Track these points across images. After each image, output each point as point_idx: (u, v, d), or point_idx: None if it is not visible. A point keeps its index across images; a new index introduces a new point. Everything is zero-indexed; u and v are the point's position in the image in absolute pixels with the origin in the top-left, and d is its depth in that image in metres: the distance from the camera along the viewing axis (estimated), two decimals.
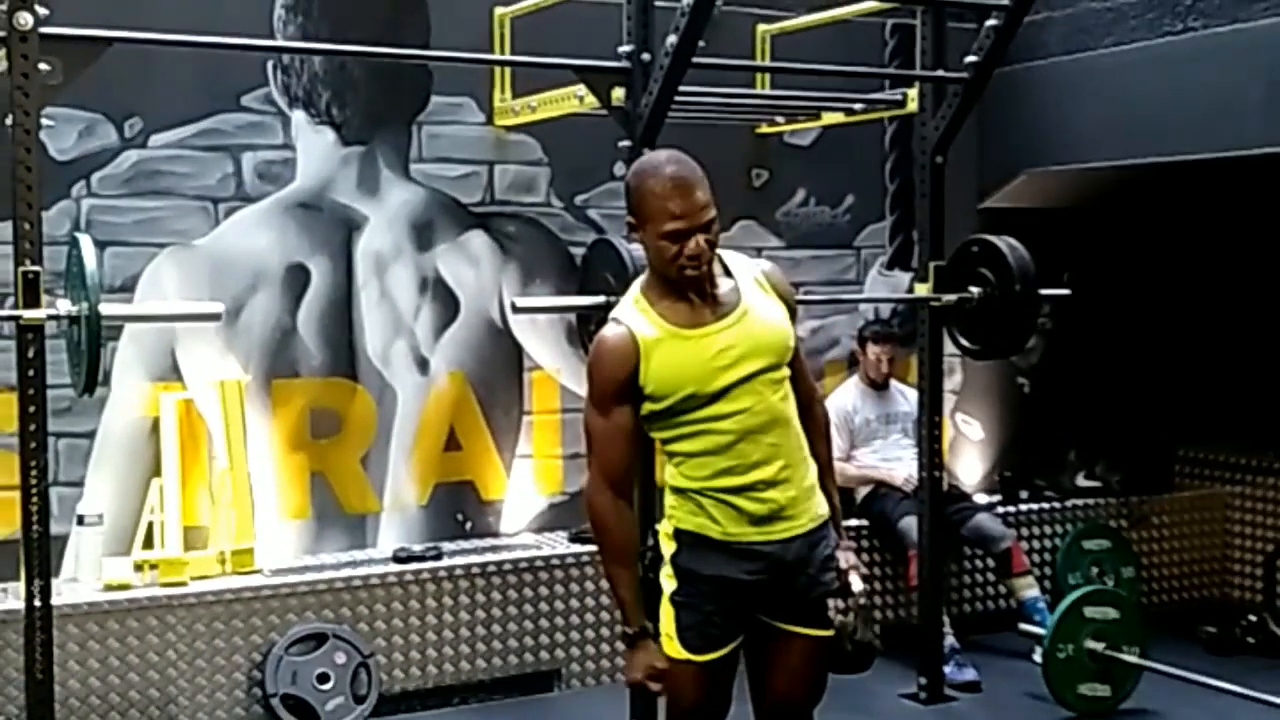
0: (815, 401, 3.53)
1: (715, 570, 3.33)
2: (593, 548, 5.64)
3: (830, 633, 3.43)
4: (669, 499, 3.41)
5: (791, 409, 3.36)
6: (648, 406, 3.29)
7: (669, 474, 3.39)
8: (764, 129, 6.51)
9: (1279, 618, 6.36)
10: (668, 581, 3.39)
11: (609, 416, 3.28)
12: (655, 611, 3.40)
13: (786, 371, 3.36)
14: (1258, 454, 7.04)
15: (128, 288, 5.33)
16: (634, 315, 3.30)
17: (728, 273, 3.35)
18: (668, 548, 3.41)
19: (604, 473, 3.30)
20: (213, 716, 5.11)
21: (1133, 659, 5.44)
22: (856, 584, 3.43)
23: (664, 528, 3.43)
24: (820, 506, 3.41)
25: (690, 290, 3.27)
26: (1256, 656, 6.16)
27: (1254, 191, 6.56)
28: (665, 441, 3.36)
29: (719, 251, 3.32)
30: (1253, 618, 6.35)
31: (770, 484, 3.30)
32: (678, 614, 3.36)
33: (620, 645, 5.57)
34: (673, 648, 3.35)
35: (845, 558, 3.44)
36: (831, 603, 3.41)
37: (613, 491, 3.30)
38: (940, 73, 5.49)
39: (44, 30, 4.06)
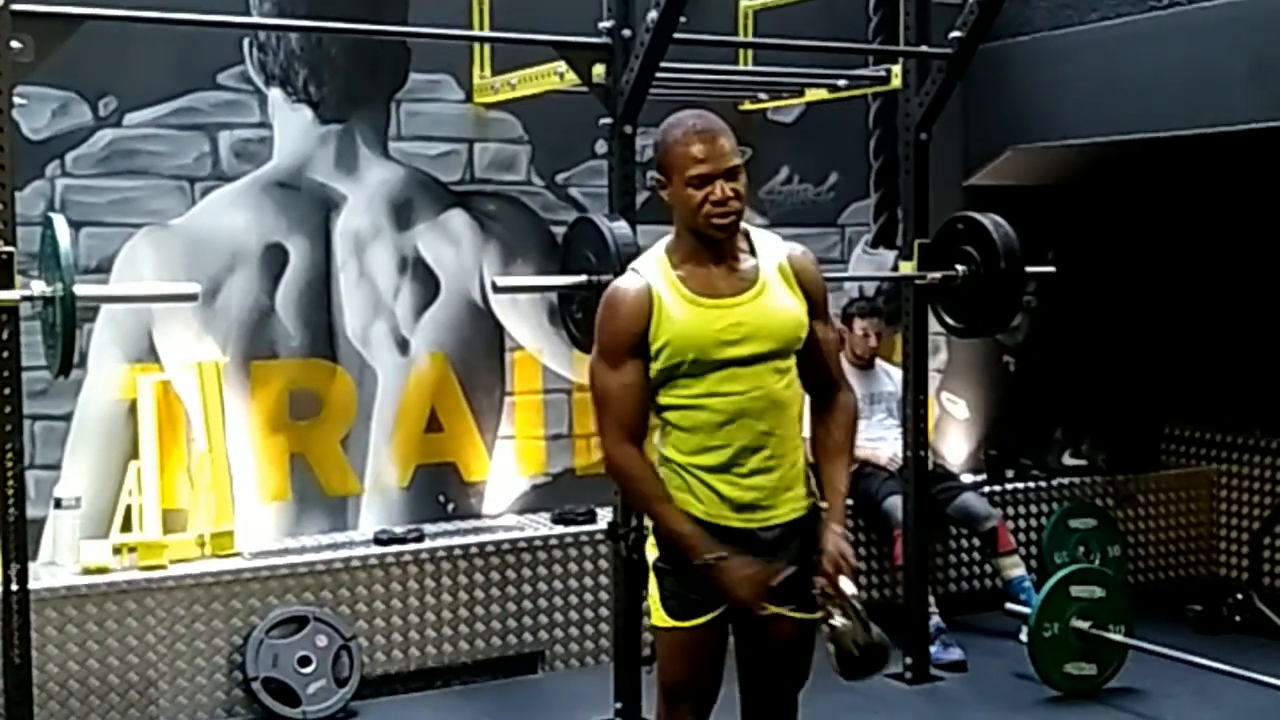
0: (840, 390, 3.43)
1: None
2: (575, 529, 5.72)
3: (810, 615, 3.36)
4: (658, 470, 3.37)
5: (793, 398, 3.30)
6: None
7: (657, 441, 3.34)
8: (747, 106, 6.46)
9: (1265, 596, 6.35)
10: (651, 551, 3.36)
11: (621, 370, 3.21)
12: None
13: (792, 361, 3.30)
14: (1244, 432, 7.03)
15: (104, 268, 5.28)
16: (653, 270, 3.25)
17: (752, 251, 3.29)
18: None
19: (621, 427, 3.23)
20: (193, 700, 5.08)
21: (1119, 638, 5.43)
22: (848, 586, 3.23)
23: None
24: (805, 498, 3.35)
25: (715, 251, 3.22)
26: (1243, 635, 6.14)
27: (1239, 167, 6.54)
28: (656, 409, 3.30)
29: (749, 229, 3.28)
30: (1239, 596, 6.34)
31: (754, 471, 3.25)
32: (661, 581, 3.32)
33: (605, 627, 5.63)
34: (659, 616, 3.33)
35: (834, 543, 3.26)
36: (820, 582, 3.33)
37: (632, 444, 3.23)
38: (924, 48, 5.45)
39: (15, 7, 4.01)
